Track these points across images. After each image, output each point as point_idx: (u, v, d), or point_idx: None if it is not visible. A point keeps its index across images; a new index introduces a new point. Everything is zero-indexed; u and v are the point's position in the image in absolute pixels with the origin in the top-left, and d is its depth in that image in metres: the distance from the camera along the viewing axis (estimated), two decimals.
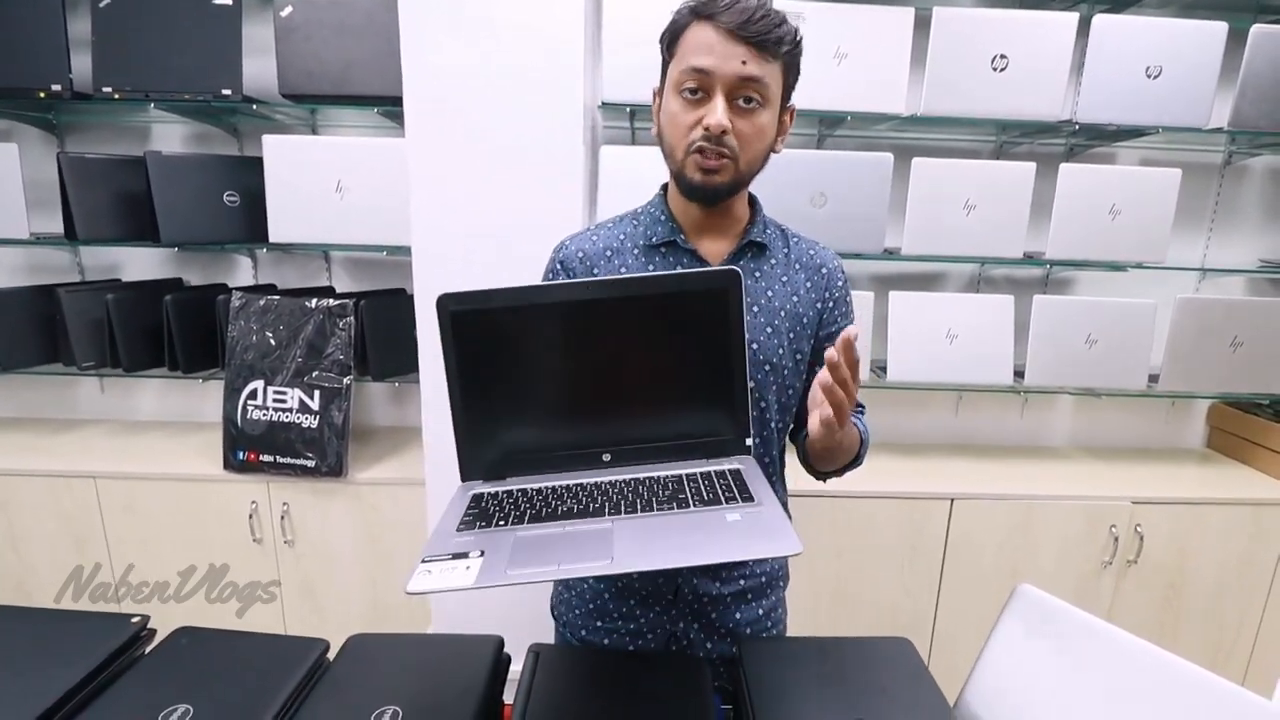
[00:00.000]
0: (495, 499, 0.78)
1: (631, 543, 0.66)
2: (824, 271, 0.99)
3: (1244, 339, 1.88)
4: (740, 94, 0.84)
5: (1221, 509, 1.86)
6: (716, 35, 0.81)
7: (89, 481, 1.81)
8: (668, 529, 0.68)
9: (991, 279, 2.15)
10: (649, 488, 0.77)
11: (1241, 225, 2.14)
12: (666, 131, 0.90)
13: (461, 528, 0.73)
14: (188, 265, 2.14)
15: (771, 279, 0.96)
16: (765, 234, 0.97)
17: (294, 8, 1.71)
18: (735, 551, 0.65)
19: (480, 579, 0.62)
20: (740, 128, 0.85)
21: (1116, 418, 2.26)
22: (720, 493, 0.74)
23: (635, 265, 0.95)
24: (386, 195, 1.75)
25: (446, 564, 0.65)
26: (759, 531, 0.66)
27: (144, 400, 2.24)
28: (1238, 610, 1.92)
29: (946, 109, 1.75)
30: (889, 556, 1.86)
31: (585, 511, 0.73)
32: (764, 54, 0.82)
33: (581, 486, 0.79)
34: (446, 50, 1.47)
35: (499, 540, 0.69)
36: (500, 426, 0.84)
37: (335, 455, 1.78)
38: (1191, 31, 1.72)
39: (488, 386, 0.82)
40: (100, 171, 1.84)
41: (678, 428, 0.84)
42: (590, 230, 1.01)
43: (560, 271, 0.98)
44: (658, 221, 0.96)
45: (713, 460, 0.83)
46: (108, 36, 1.76)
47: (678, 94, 0.86)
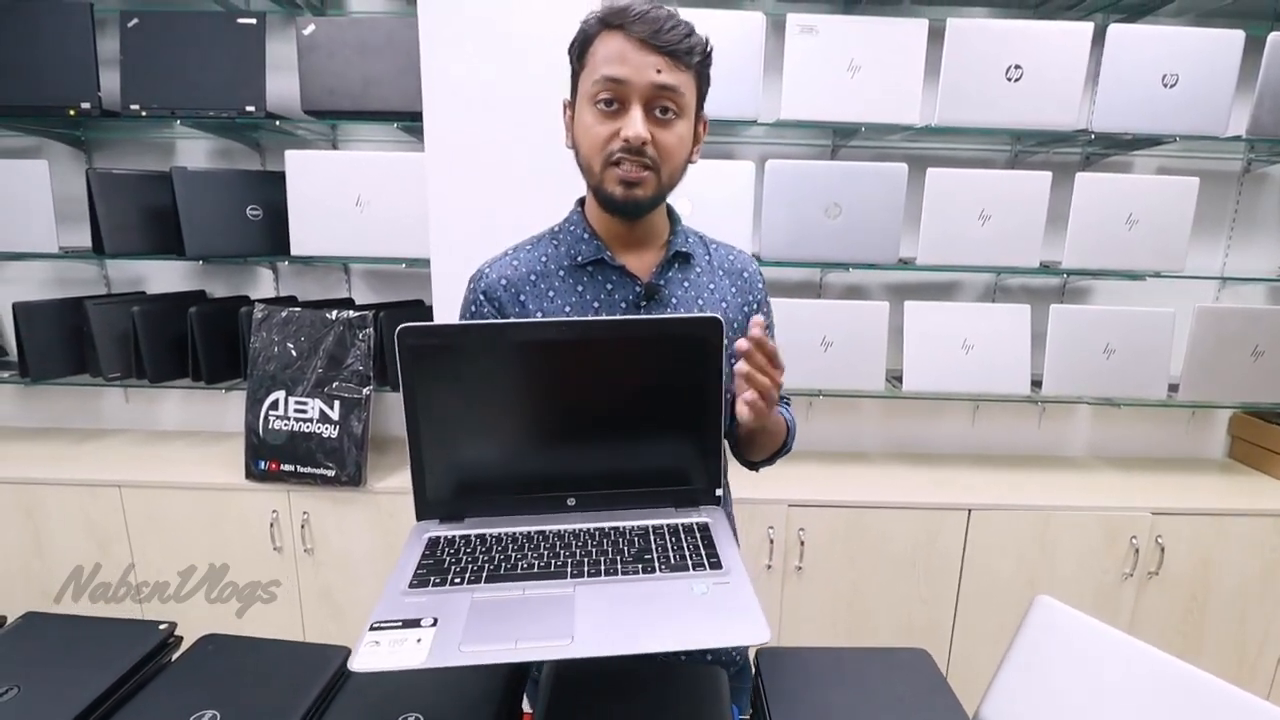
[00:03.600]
0: (451, 546, 0.75)
1: (593, 615, 0.63)
2: (745, 275, 1.01)
3: (1265, 348, 1.86)
4: (657, 104, 0.83)
5: (1244, 520, 1.83)
6: (629, 45, 0.80)
7: (114, 490, 1.84)
8: (630, 599, 0.66)
9: (1007, 288, 2.14)
10: (614, 543, 0.75)
11: (1261, 233, 2.12)
12: (582, 145, 0.87)
13: (415, 583, 0.69)
14: (211, 278, 2.18)
15: (700, 287, 0.96)
16: (688, 243, 0.97)
17: (316, 26, 1.75)
18: (700, 638, 0.62)
19: (432, 657, 0.58)
20: (660, 138, 0.83)
21: (1136, 428, 2.24)
22: (688, 555, 0.72)
23: (562, 287, 0.93)
24: (405, 209, 1.78)
25: (397, 634, 0.61)
26: (727, 613, 0.64)
27: (168, 410, 2.28)
28: (1262, 622, 1.89)
29: (961, 119, 1.76)
30: (906, 567, 1.85)
31: (546, 570, 0.71)
32: (677, 63, 0.82)
33: (544, 535, 0.76)
34: (465, 66, 1.50)
35: (454, 604, 0.65)
36: (459, 466, 0.81)
37: (355, 465, 1.80)
38: (1208, 40, 1.72)
39: (447, 424, 0.79)
40: (127, 187, 1.88)
41: (646, 475, 0.81)
42: (509, 255, 0.97)
43: (484, 303, 0.94)
44: (580, 240, 0.94)
45: (680, 510, 0.81)
46: (135, 55, 1.81)
47: (592, 105, 0.84)
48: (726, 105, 1.72)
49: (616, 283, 0.93)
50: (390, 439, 2.21)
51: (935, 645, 1.89)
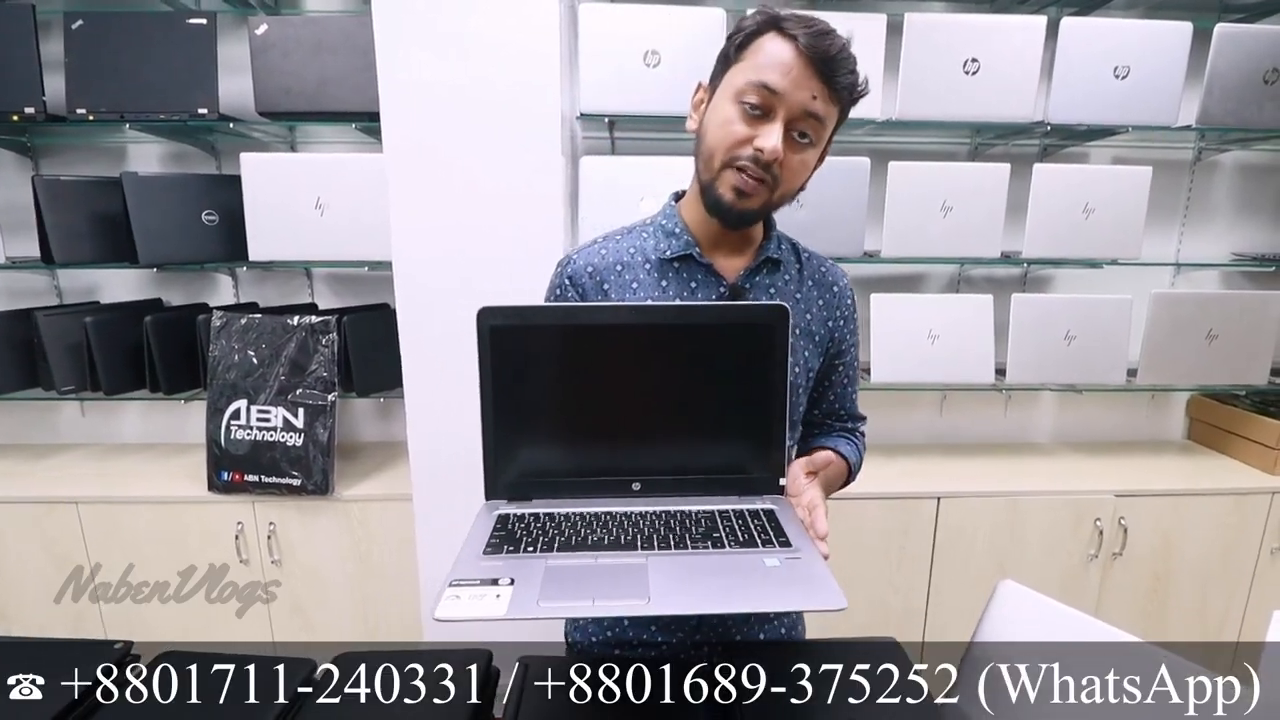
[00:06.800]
0: (522, 522, 0.76)
1: (668, 581, 0.64)
2: (835, 290, 0.98)
3: (1219, 331, 1.91)
4: (798, 126, 0.80)
5: (1203, 499, 1.88)
6: (797, 59, 0.78)
7: (71, 507, 1.79)
8: (704, 570, 0.67)
9: (971, 279, 2.18)
10: (681, 523, 0.75)
11: (1213, 220, 2.18)
12: (710, 135, 0.84)
13: (489, 550, 0.70)
14: (168, 286, 2.13)
15: (786, 295, 0.94)
16: (780, 250, 0.94)
17: (269, 25, 1.71)
18: (776, 601, 0.64)
19: (512, 609, 0.60)
20: (790, 159, 0.81)
21: (1098, 412, 2.29)
22: (756, 535, 0.72)
23: (647, 280, 0.91)
24: (367, 210, 1.74)
25: (476, 590, 0.63)
26: (800, 582, 0.65)
27: (126, 423, 2.21)
28: (1223, 598, 1.95)
29: (921, 113, 1.78)
30: (878, 556, 1.87)
31: (617, 543, 0.71)
32: (833, 94, 0.80)
33: (611, 516, 0.77)
34: (422, 65, 1.48)
35: (529, 568, 0.67)
36: (530, 446, 0.82)
37: (321, 473, 1.77)
38: (1157, 32, 1.76)
39: (521, 404, 0.80)
40: (76, 193, 1.83)
41: (710, 462, 0.82)
42: (598, 243, 0.95)
43: (568, 288, 0.92)
44: (671, 234, 0.92)
45: (744, 498, 0.81)
46: (81, 58, 1.75)
47: (736, 102, 0.81)
48: None
49: (702, 281, 0.91)
50: (359, 445, 2.18)
51: (909, 631, 1.91)
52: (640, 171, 1.74)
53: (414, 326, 1.59)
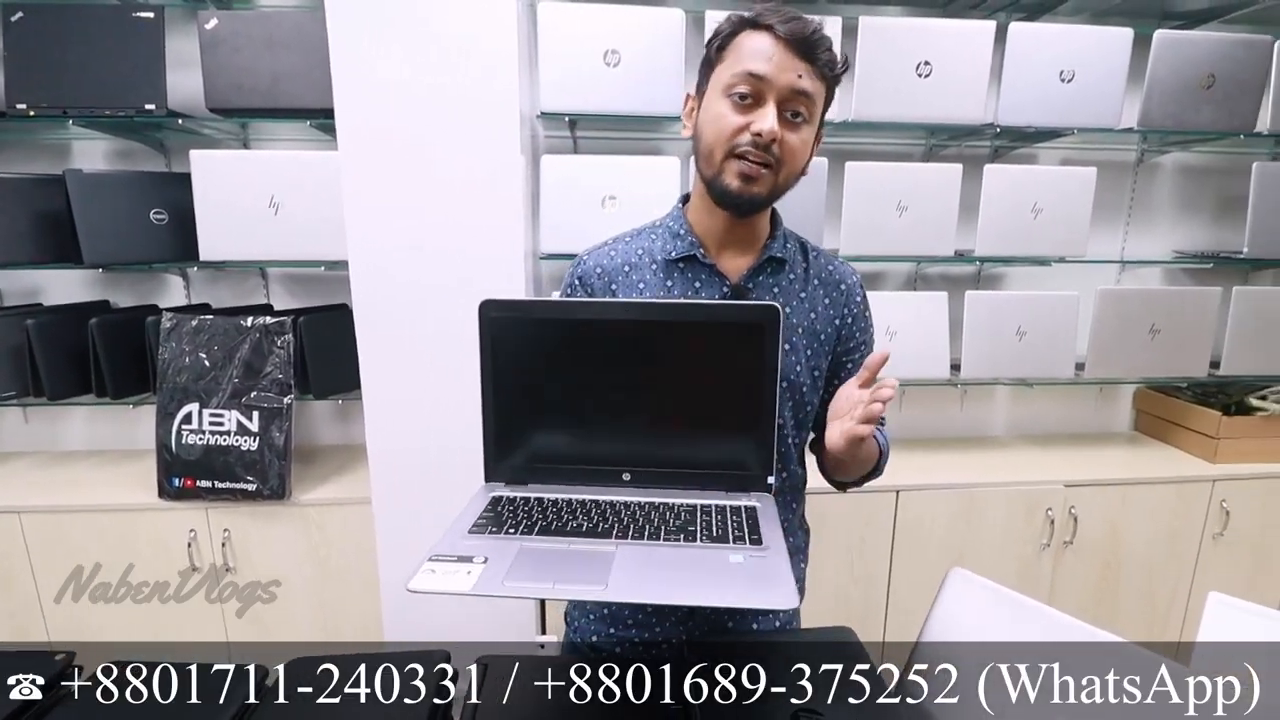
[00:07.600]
0: (512, 504, 0.80)
1: (629, 571, 0.66)
2: (843, 288, 0.98)
3: (1161, 326, 1.98)
4: (790, 107, 0.84)
5: (1148, 488, 1.96)
6: (776, 45, 0.82)
7: (13, 517, 1.72)
8: (668, 561, 0.69)
9: (927, 277, 2.22)
10: (660, 514, 0.78)
11: (1156, 219, 2.26)
12: (707, 133, 0.87)
13: (474, 530, 0.74)
14: (116, 287, 2.06)
15: (790, 294, 0.95)
16: (785, 249, 0.95)
17: (219, 20, 1.67)
18: (728, 597, 0.66)
19: (477, 586, 0.63)
20: (787, 139, 0.84)
21: (1049, 406, 2.35)
22: (730, 531, 0.74)
23: (653, 281, 0.93)
24: (323, 209, 1.71)
25: (451, 566, 0.66)
26: (757, 579, 0.66)
27: (71, 429, 2.14)
28: (1169, 583, 2.02)
29: (876, 114, 1.81)
30: (840, 549, 1.90)
31: (593, 531, 0.74)
32: (816, 71, 0.83)
33: (595, 504, 0.80)
34: (378, 61, 1.46)
35: (504, 548, 0.70)
36: (528, 434, 0.86)
37: (278, 477, 1.73)
38: (1100, 37, 1.82)
39: (519, 394, 0.84)
40: (16, 192, 1.76)
41: (701, 457, 0.84)
42: (608, 244, 0.99)
43: (579, 287, 0.96)
44: (676, 236, 0.94)
45: (731, 494, 0.83)
46: (21, 51, 1.69)
47: (726, 96, 0.84)
48: (649, 102, 1.73)
49: (705, 281, 0.93)
50: (316, 448, 2.14)
51: (871, 621, 1.95)
52: (601, 171, 1.75)
53: (372, 327, 1.57)
